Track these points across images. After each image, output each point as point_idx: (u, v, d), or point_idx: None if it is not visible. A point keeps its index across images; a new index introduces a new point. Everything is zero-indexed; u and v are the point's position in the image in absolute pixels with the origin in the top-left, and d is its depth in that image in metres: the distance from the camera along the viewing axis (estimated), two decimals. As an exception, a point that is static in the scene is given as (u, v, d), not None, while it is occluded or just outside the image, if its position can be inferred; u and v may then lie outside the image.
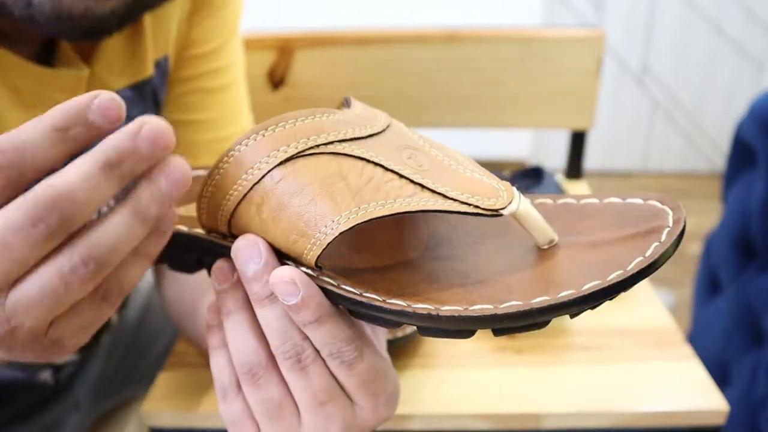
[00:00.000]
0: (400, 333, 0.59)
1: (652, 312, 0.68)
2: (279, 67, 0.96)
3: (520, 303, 0.29)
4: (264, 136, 0.31)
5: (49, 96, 0.47)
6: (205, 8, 0.58)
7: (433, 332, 0.30)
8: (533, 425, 0.57)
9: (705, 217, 2.12)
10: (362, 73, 0.98)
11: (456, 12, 2.03)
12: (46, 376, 0.65)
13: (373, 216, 0.30)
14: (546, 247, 0.33)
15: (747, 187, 1.06)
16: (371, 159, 0.31)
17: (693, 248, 2.00)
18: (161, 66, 0.57)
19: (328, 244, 0.30)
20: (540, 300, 0.29)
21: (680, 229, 0.32)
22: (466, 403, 0.57)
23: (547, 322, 0.30)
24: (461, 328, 0.30)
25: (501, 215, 0.31)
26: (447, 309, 0.30)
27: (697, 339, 1.17)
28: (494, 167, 0.98)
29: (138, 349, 0.81)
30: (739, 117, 1.11)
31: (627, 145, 2.38)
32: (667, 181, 2.37)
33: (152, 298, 0.83)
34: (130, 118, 0.55)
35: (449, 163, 0.33)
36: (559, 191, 0.79)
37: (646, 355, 0.62)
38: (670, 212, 0.33)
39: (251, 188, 0.31)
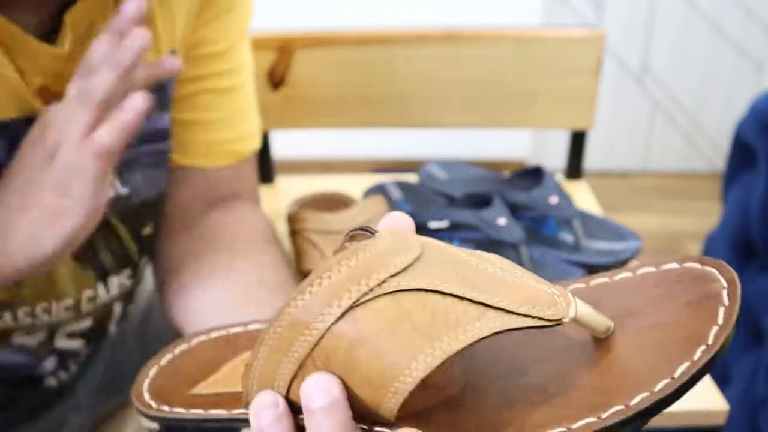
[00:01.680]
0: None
1: (652, 312, 0.68)
2: (279, 67, 0.96)
3: (622, 407, 0.28)
4: (312, 292, 0.28)
5: (33, 63, 0.48)
6: (213, 7, 0.58)
7: None
8: (533, 425, 0.57)
9: (705, 217, 2.12)
10: (362, 73, 0.98)
11: (456, 12, 2.03)
12: (51, 381, 0.65)
13: (452, 353, 0.27)
14: (604, 336, 0.32)
15: (747, 187, 1.06)
16: (429, 287, 0.29)
17: (693, 248, 2.00)
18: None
19: (409, 393, 0.27)
20: (639, 399, 0.28)
21: (737, 286, 0.30)
22: (466, 403, 0.57)
23: (646, 422, 0.29)
24: None
25: (562, 323, 0.30)
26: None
27: (697, 339, 1.17)
28: (494, 167, 0.98)
29: (140, 349, 0.81)
30: (739, 117, 1.11)
31: (627, 145, 2.38)
32: (667, 181, 2.37)
33: (154, 300, 0.83)
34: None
35: (494, 271, 0.31)
36: (559, 191, 0.79)
37: (646, 355, 0.62)
38: (715, 271, 0.32)
39: (311, 350, 0.29)
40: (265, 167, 1.01)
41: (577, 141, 1.02)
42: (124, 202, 0.57)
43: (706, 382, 0.59)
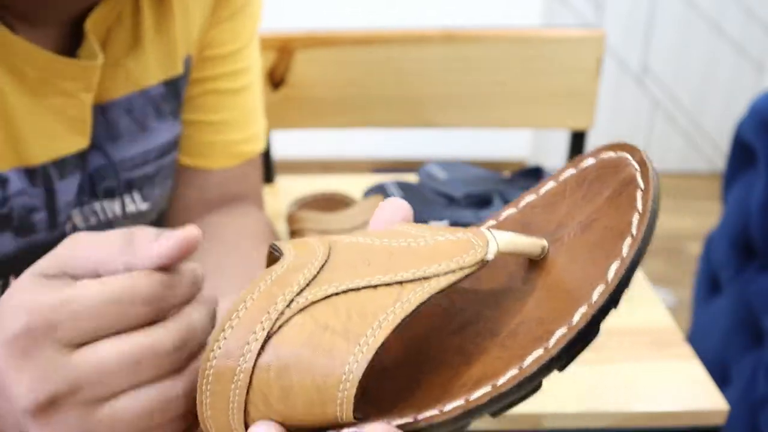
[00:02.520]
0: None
1: (652, 312, 0.68)
2: (279, 67, 0.96)
3: (564, 331, 0.28)
4: (227, 336, 0.28)
5: (57, 83, 0.47)
6: (224, 8, 0.58)
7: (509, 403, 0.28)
8: (533, 425, 0.57)
9: (705, 217, 2.12)
10: (362, 73, 0.98)
11: (456, 12, 2.03)
12: None
13: (378, 344, 0.27)
14: (541, 257, 0.32)
15: (747, 187, 1.06)
16: (338, 291, 0.28)
17: (693, 248, 1.99)
18: (186, 64, 0.57)
19: (354, 396, 0.27)
20: (579, 316, 0.28)
21: (649, 166, 0.30)
22: (466, 403, 0.57)
23: (597, 330, 0.28)
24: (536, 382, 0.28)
25: (488, 262, 0.29)
26: (503, 381, 0.28)
27: (697, 339, 1.17)
28: (494, 167, 0.98)
29: None
30: (739, 117, 1.11)
31: (627, 145, 2.39)
32: (667, 181, 2.37)
33: None
34: (161, 114, 0.56)
35: (406, 245, 0.30)
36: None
37: (647, 355, 0.62)
38: (628, 156, 0.31)
39: (247, 395, 0.28)
40: (265, 167, 1.01)
41: (577, 141, 1.02)
42: (146, 217, 0.57)
43: (706, 382, 0.59)
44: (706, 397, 0.58)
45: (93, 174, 0.53)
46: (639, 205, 0.29)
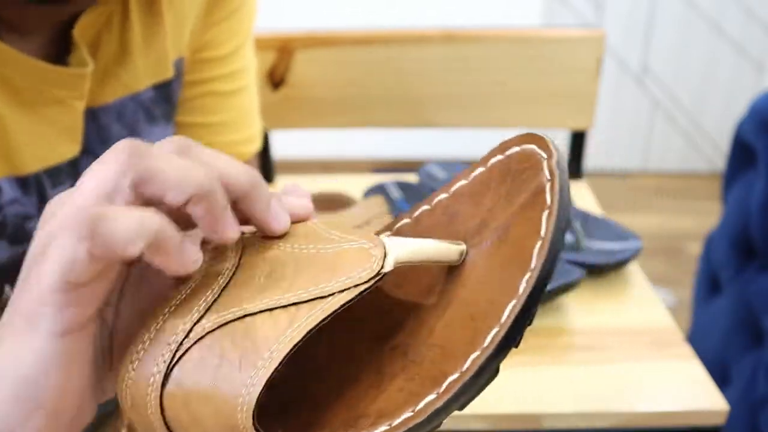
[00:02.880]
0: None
1: (652, 312, 0.68)
2: (279, 67, 0.96)
3: (477, 354, 0.27)
4: (140, 359, 0.28)
5: (49, 92, 0.47)
6: (219, 10, 0.58)
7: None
8: (533, 425, 0.57)
9: (705, 217, 2.11)
10: (362, 73, 0.98)
11: (456, 12, 2.03)
12: None
13: (269, 374, 0.26)
14: (459, 262, 0.30)
15: (747, 187, 1.06)
16: (234, 317, 0.28)
17: (693, 248, 1.99)
18: (178, 67, 0.57)
19: (256, 417, 0.27)
20: (491, 337, 0.27)
21: (556, 182, 0.28)
22: (466, 403, 0.57)
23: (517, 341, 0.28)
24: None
25: (387, 274, 0.28)
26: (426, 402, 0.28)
27: (697, 339, 1.17)
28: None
29: None
30: (739, 117, 1.11)
31: (627, 145, 2.38)
32: (667, 181, 2.37)
33: None
34: (153, 118, 0.55)
35: (315, 249, 0.30)
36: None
37: (646, 355, 0.62)
38: (545, 159, 0.30)
39: (164, 422, 0.28)
40: (265, 167, 1.01)
41: (577, 141, 1.02)
42: None
43: (706, 382, 0.59)
44: (706, 397, 0.58)
45: None
46: (542, 230, 0.28)
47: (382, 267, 0.28)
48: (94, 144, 0.52)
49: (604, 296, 0.70)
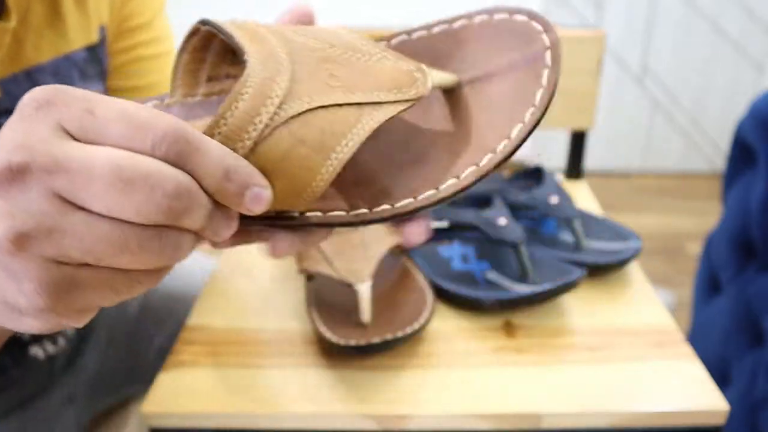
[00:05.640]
0: (400, 333, 0.58)
1: (652, 312, 0.68)
2: (279, 67, 0.96)
3: (474, 169, 0.34)
4: (222, 134, 0.30)
5: None
6: None
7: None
8: (533, 425, 0.57)
9: (705, 217, 2.12)
10: (362, 73, 0.98)
11: (456, 12, 2.02)
12: (37, 351, 0.65)
13: (345, 159, 0.31)
14: (452, 87, 0.37)
15: (747, 187, 1.06)
16: (311, 107, 0.31)
17: (693, 248, 1.99)
18: (102, 34, 0.61)
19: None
20: (486, 160, 0.34)
21: (560, 50, 0.35)
22: (466, 403, 0.57)
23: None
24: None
25: (422, 98, 0.35)
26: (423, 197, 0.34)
27: (697, 339, 1.17)
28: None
29: (137, 343, 0.81)
30: (739, 117, 1.11)
31: (627, 145, 2.38)
32: (667, 181, 2.37)
33: (151, 291, 0.83)
34: (86, 76, 0.59)
35: (358, 57, 0.34)
36: (559, 191, 0.79)
37: (646, 355, 0.62)
38: (541, 29, 0.36)
39: (253, 149, 0.30)
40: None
41: (577, 141, 1.02)
42: None
43: (706, 382, 0.59)
44: (706, 397, 0.58)
45: None
46: (544, 81, 0.35)
47: (426, 90, 0.34)
48: None
49: (604, 296, 0.70)
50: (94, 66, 0.60)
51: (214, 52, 0.37)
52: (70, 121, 0.27)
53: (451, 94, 0.37)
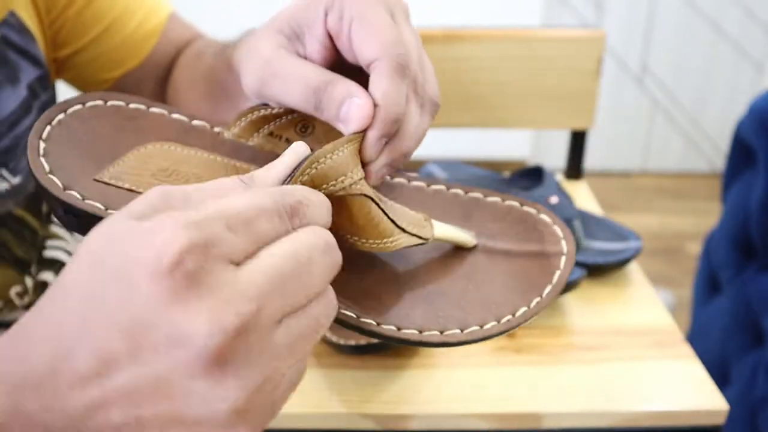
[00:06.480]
0: (400, 333, 0.59)
1: (652, 312, 0.68)
2: (279, 67, 0.96)
3: (494, 324, 0.37)
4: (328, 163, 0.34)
5: None
6: None
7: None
8: (533, 425, 0.57)
9: (705, 217, 2.12)
10: (362, 73, 0.98)
11: (456, 12, 2.03)
12: None
13: (395, 247, 0.37)
14: (470, 246, 0.41)
15: (747, 187, 1.06)
16: (372, 197, 0.36)
17: (693, 248, 2.00)
18: (11, 24, 0.55)
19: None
20: (490, 326, 0.37)
21: (573, 260, 0.41)
22: (466, 403, 0.57)
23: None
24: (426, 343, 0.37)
25: (428, 241, 0.39)
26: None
27: (697, 339, 1.17)
28: (494, 167, 0.98)
29: None
30: (739, 117, 1.11)
31: (627, 145, 2.38)
32: (667, 181, 2.37)
33: None
34: None
35: (392, 202, 0.39)
36: (559, 191, 0.79)
37: (646, 355, 0.62)
38: (561, 236, 0.42)
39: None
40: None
41: (577, 141, 1.02)
42: (20, 191, 0.56)
43: (706, 382, 0.59)
44: (706, 397, 0.58)
45: None
46: (554, 279, 0.40)
47: (432, 235, 0.39)
48: None
49: (604, 296, 0.70)
50: (0, 69, 0.55)
51: (292, 119, 0.40)
52: (229, 252, 0.25)
53: (462, 253, 0.41)
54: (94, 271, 0.25)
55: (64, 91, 0.63)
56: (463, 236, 0.41)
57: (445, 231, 0.40)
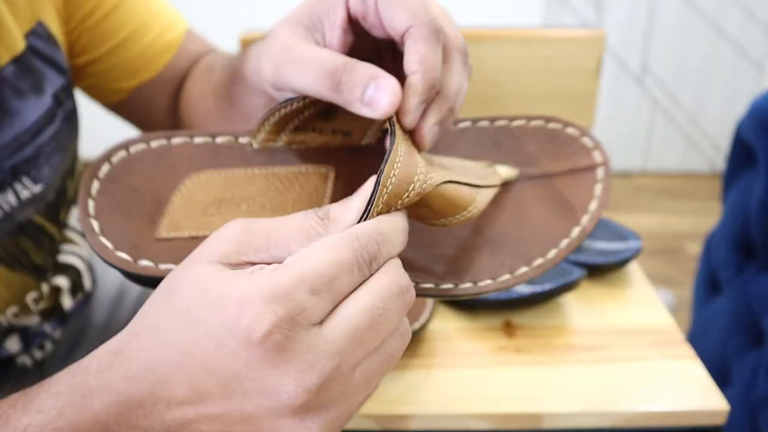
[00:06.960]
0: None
1: (652, 312, 0.68)
2: (279, 67, 0.96)
3: (542, 261, 0.39)
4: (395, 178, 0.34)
5: None
6: None
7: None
8: (533, 425, 0.57)
9: (705, 217, 2.12)
10: (362, 73, 0.98)
11: (456, 12, 2.03)
12: (25, 360, 0.64)
13: (478, 211, 0.38)
14: (514, 179, 0.43)
15: (747, 187, 1.06)
16: (444, 180, 0.36)
17: (693, 248, 2.00)
18: (39, 33, 0.56)
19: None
20: (554, 254, 0.38)
21: (609, 168, 0.41)
22: (466, 403, 0.57)
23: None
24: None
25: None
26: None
27: (697, 339, 1.17)
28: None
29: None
30: (739, 117, 1.11)
31: (627, 145, 2.38)
32: (667, 181, 2.37)
33: (147, 291, 0.82)
34: (20, 92, 0.55)
35: (461, 163, 0.41)
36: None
37: (646, 355, 0.62)
38: (591, 147, 0.43)
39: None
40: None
41: (577, 141, 1.02)
42: (41, 199, 0.56)
43: (706, 382, 0.59)
44: (706, 397, 0.58)
45: None
46: (596, 192, 0.41)
47: (500, 181, 0.41)
48: None
49: (604, 296, 0.70)
50: (26, 78, 0.55)
51: (314, 110, 0.40)
52: (311, 316, 0.28)
53: (509, 185, 0.42)
54: (190, 329, 0.29)
55: (80, 100, 0.63)
56: (512, 171, 0.42)
57: (503, 170, 0.42)
